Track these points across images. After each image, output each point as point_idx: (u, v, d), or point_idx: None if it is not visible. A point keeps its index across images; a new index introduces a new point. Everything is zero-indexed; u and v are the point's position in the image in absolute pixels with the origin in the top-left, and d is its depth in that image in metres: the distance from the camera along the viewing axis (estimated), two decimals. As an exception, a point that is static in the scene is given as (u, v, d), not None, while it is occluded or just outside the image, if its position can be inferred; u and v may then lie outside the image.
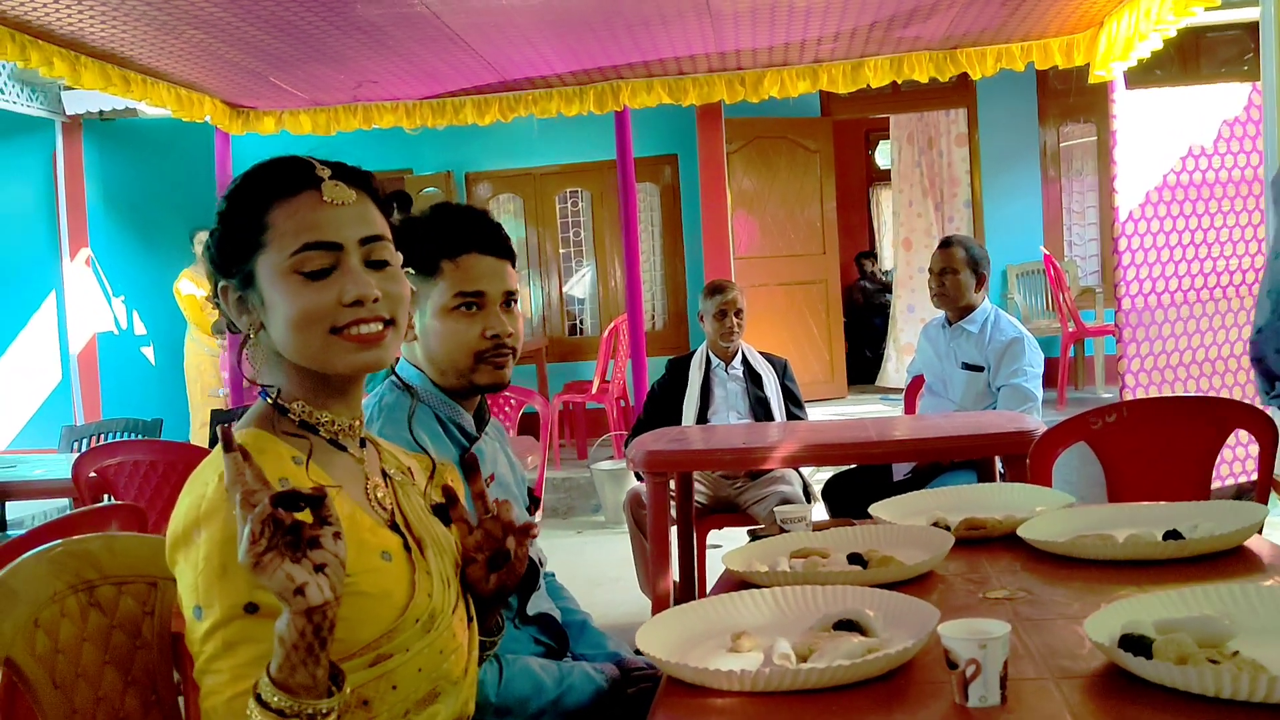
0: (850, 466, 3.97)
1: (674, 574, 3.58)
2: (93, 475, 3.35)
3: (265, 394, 1.27)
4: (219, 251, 1.26)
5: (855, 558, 1.75)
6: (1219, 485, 4.50)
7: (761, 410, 4.03)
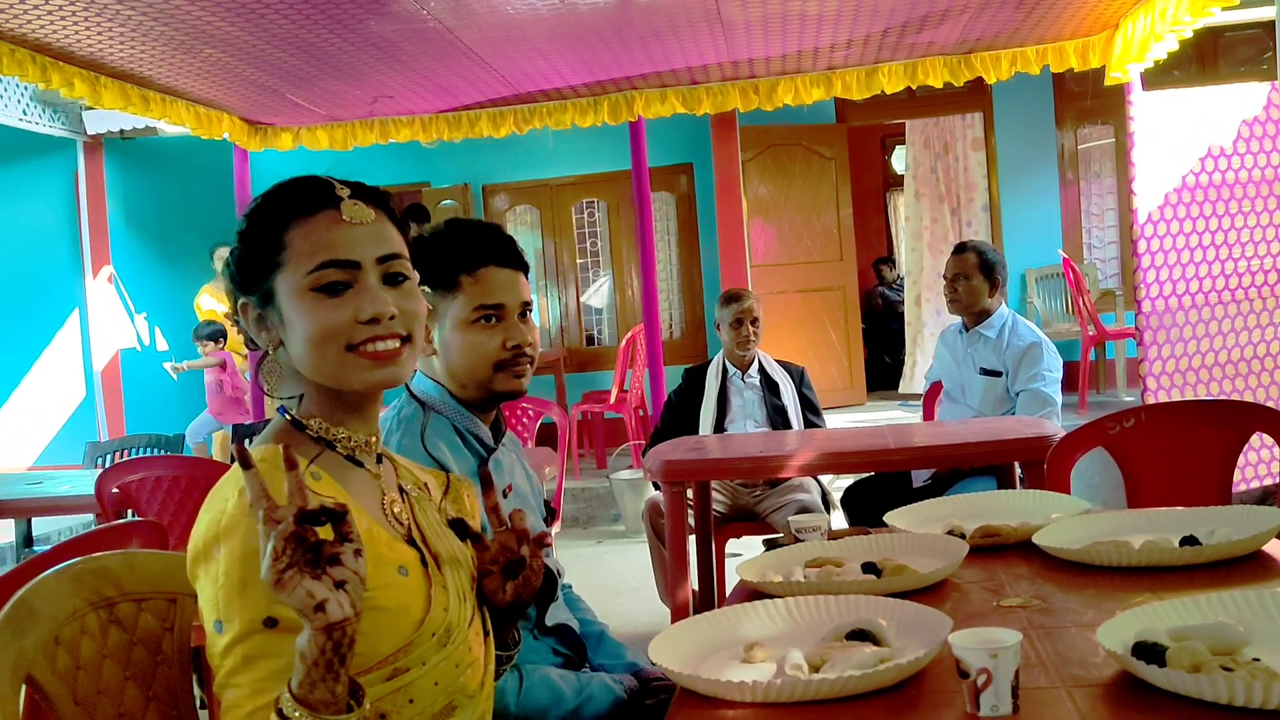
0: (869, 474, 3.96)
1: (693, 583, 3.58)
2: (115, 491, 3.39)
3: (283, 410, 1.28)
4: (239, 269, 1.28)
5: (870, 567, 1.75)
6: (1244, 489, 4.46)
7: (779, 418, 4.02)
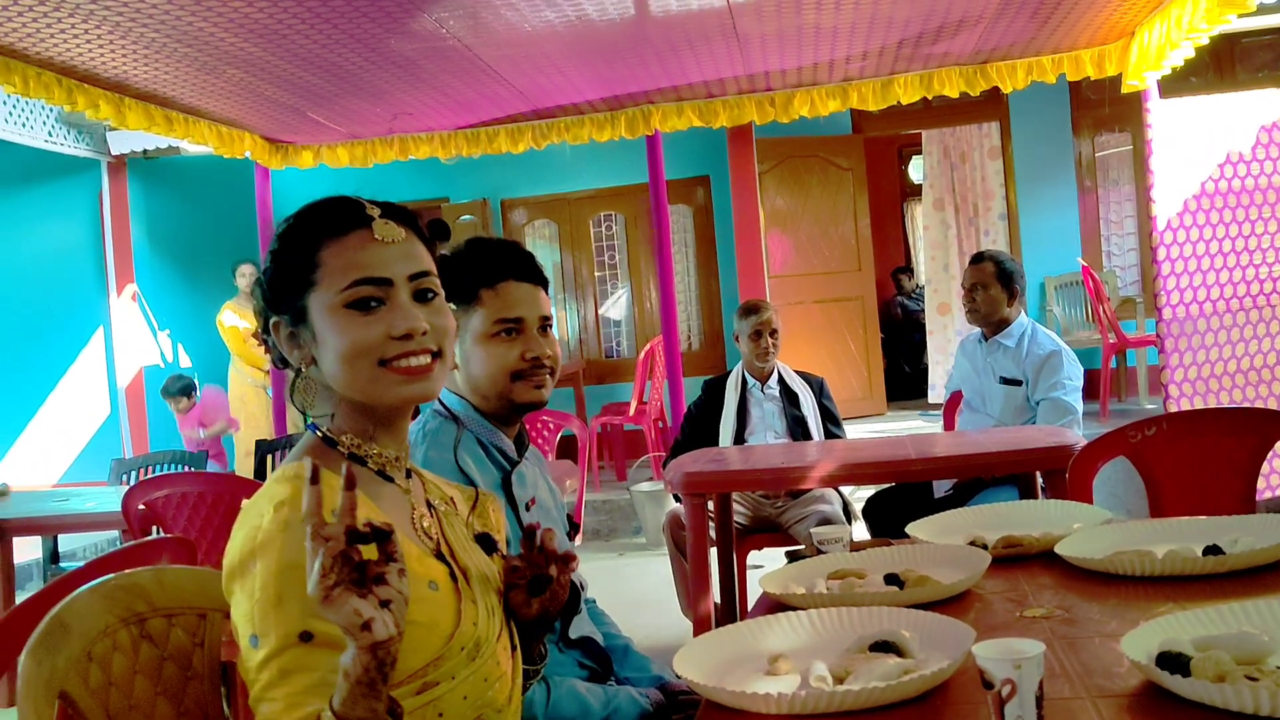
0: (890, 484, 3.96)
1: (715, 595, 3.58)
2: (141, 508, 3.42)
3: (314, 427, 1.30)
4: (271, 288, 1.30)
5: (892, 578, 1.75)
6: (1268, 497, 4.43)
7: (799, 429, 4.02)
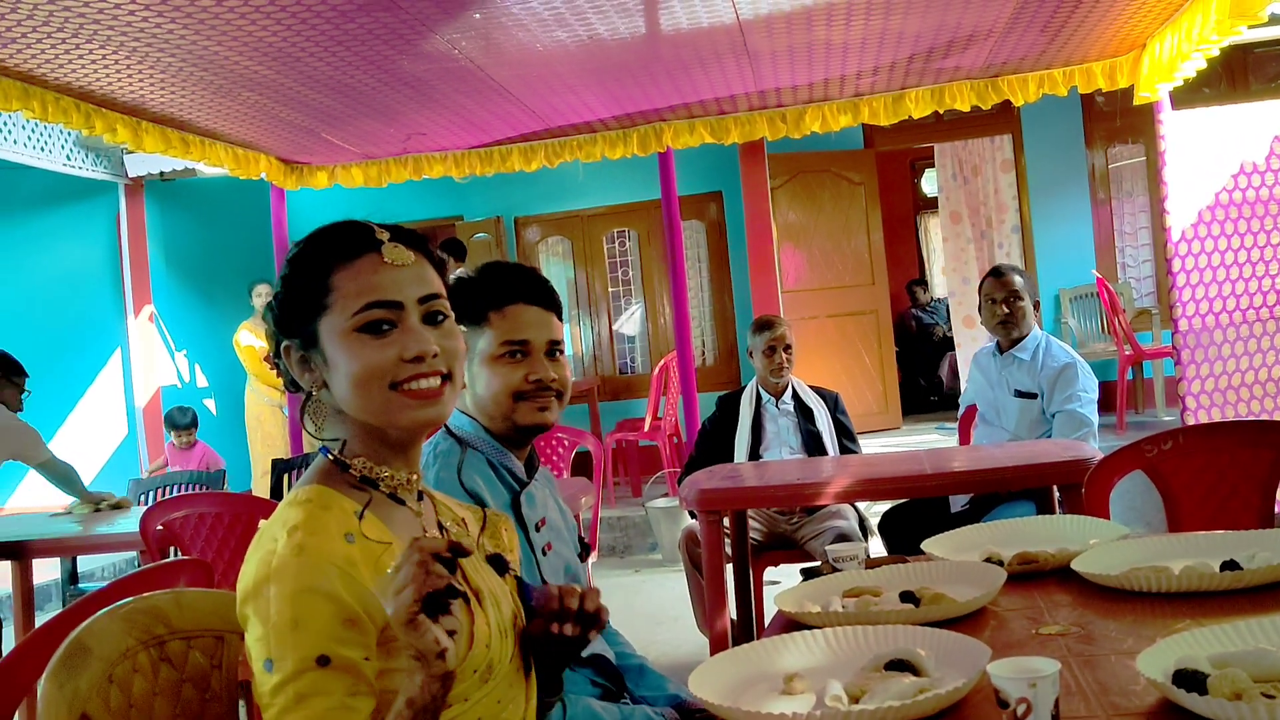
0: (906, 499, 3.94)
1: (731, 612, 3.57)
2: (159, 528, 3.44)
3: (325, 450, 1.31)
4: (282, 313, 1.31)
5: (907, 596, 1.75)
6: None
7: (814, 444, 4.02)
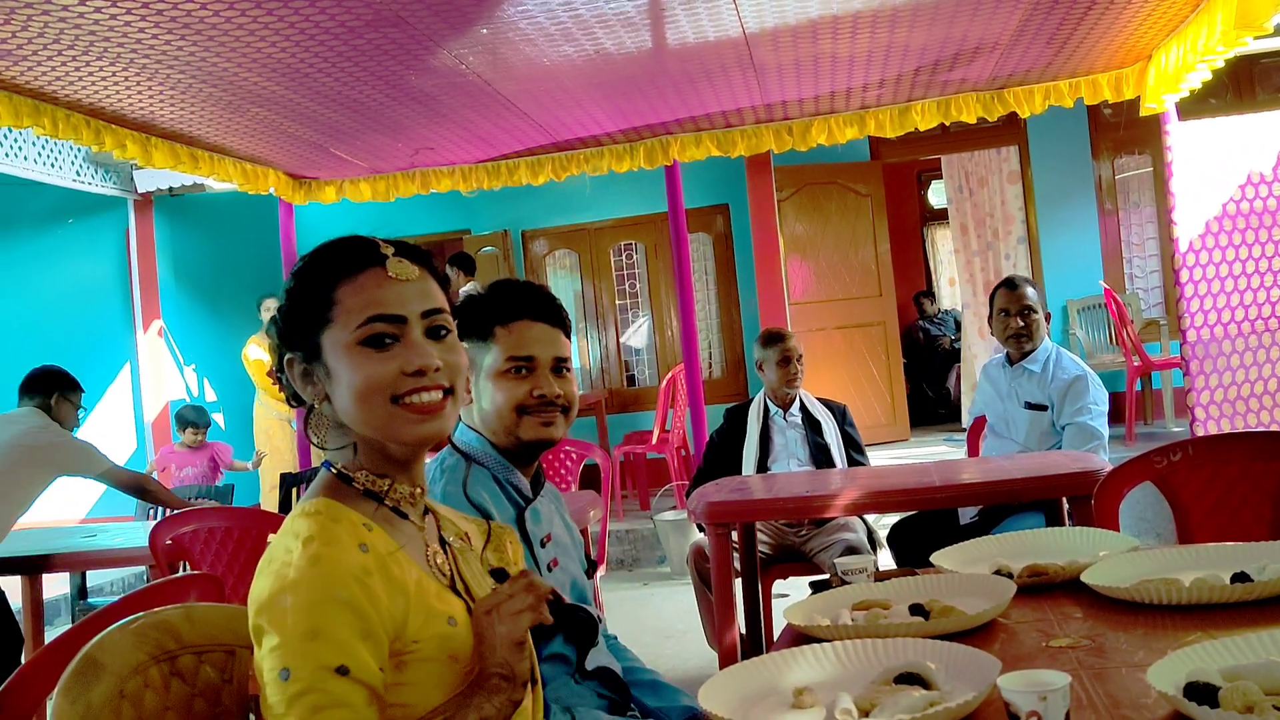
0: (915, 511, 3.93)
1: (740, 626, 3.56)
2: (169, 543, 3.45)
3: (328, 465, 1.32)
4: (286, 326, 1.32)
5: (917, 608, 1.74)
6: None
7: (822, 457, 4.01)
